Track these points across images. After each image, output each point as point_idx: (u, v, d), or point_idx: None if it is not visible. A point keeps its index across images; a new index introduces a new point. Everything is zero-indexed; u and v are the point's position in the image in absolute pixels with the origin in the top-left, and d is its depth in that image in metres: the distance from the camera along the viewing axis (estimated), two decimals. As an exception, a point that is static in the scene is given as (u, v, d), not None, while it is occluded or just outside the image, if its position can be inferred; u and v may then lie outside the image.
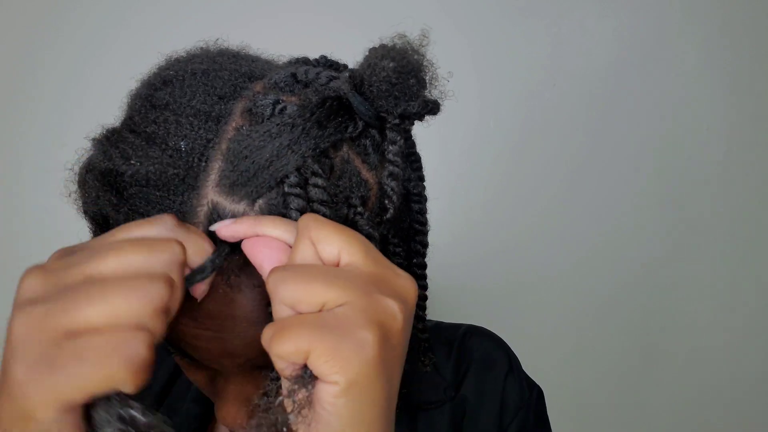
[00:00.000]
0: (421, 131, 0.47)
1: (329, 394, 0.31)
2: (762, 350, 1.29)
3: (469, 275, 1.20)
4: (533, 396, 0.60)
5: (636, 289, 1.25)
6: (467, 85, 1.16)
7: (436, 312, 0.68)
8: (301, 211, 0.36)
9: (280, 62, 0.45)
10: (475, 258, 1.20)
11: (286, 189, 0.37)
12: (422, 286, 0.48)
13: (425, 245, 0.47)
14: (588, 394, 1.26)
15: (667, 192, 1.24)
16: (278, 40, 0.54)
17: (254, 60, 0.43)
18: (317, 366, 0.31)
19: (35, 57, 1.10)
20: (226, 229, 0.36)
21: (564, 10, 1.19)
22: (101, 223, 0.44)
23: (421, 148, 0.48)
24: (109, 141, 0.41)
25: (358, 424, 0.31)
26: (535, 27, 1.18)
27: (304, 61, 0.43)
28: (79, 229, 0.46)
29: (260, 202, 0.37)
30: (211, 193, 0.37)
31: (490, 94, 1.18)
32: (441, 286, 1.15)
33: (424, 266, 0.48)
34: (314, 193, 0.37)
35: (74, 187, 0.43)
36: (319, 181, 0.37)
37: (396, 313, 0.32)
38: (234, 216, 0.37)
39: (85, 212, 0.45)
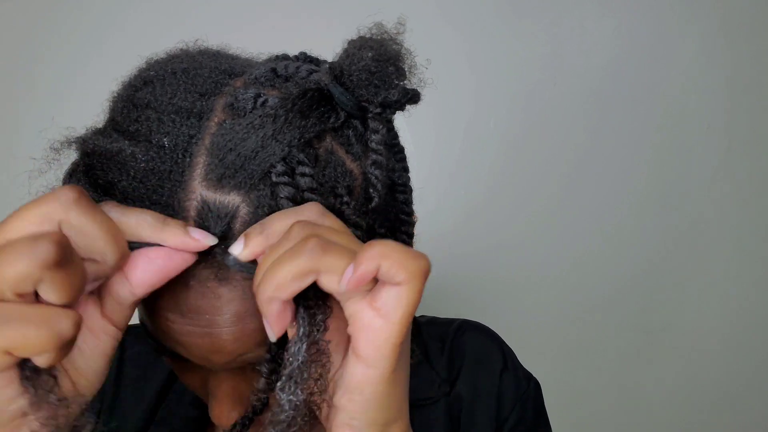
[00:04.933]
0: (421, 131, 0.47)
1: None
2: (762, 350, 1.28)
3: (467, 273, 1.20)
4: (530, 388, 0.59)
5: (635, 287, 1.25)
6: (467, 84, 1.16)
7: (432, 308, 0.68)
8: (292, 199, 0.37)
9: (261, 60, 0.45)
10: (474, 255, 1.20)
11: (273, 179, 0.37)
12: None
13: (411, 236, 0.47)
14: (586, 392, 1.26)
15: (667, 191, 1.24)
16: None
17: (234, 58, 0.44)
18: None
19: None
20: (244, 255, 0.36)
21: (564, 10, 1.19)
22: None
23: (420, 147, 0.48)
24: (95, 140, 0.41)
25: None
26: (535, 27, 1.19)
27: (284, 57, 0.43)
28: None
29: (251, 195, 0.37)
30: (199, 188, 0.37)
31: (490, 93, 1.18)
32: (439, 282, 1.15)
33: None
34: (303, 182, 0.38)
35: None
36: (306, 170, 0.38)
37: None
38: (225, 208, 0.37)
39: None
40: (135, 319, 0.47)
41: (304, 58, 0.44)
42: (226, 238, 0.37)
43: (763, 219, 1.26)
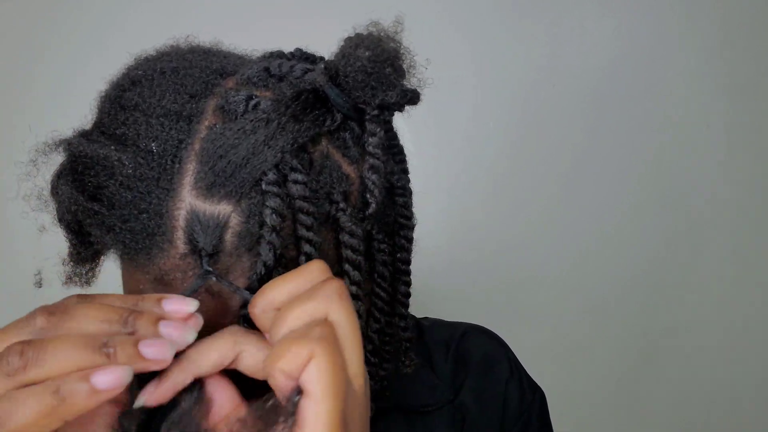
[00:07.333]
0: (421, 131, 0.46)
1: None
2: (762, 350, 1.28)
3: (466, 273, 1.19)
4: (536, 400, 0.58)
5: (635, 288, 1.24)
6: (467, 85, 1.16)
7: (432, 309, 0.67)
8: (278, 212, 0.35)
9: (254, 57, 0.43)
10: (473, 256, 1.19)
11: (264, 187, 0.36)
12: (405, 282, 0.47)
13: (410, 240, 0.46)
14: (587, 394, 1.25)
15: (667, 191, 1.23)
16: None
17: (226, 56, 0.42)
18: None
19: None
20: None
21: (564, 10, 1.19)
22: (77, 231, 0.43)
23: (419, 148, 0.46)
24: (80, 144, 0.39)
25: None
26: (534, 27, 1.18)
27: (278, 55, 0.42)
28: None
29: (242, 203, 0.36)
30: (189, 196, 0.36)
31: (489, 94, 1.18)
32: (437, 283, 1.14)
33: (408, 262, 0.46)
34: (294, 189, 0.36)
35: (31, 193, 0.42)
36: (299, 177, 0.36)
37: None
38: (216, 218, 0.35)
39: (60, 220, 0.44)
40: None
41: (300, 55, 0.42)
42: (216, 252, 0.35)
43: (763, 219, 1.25)
